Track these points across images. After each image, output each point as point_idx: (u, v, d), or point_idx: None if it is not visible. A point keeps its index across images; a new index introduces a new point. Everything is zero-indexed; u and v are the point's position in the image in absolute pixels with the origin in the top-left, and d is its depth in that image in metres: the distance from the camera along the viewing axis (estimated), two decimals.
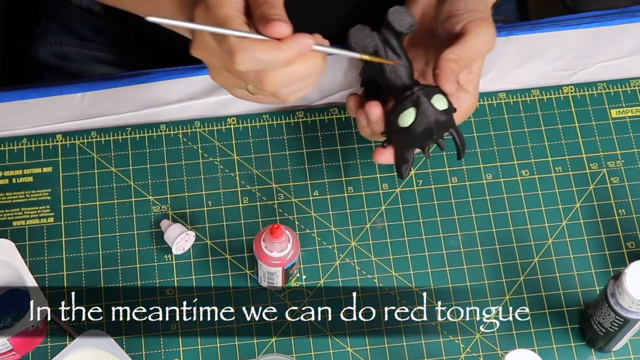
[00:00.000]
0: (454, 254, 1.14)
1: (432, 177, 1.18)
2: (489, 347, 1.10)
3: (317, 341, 1.10)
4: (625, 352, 1.10)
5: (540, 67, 1.24)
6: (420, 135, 1.03)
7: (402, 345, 1.10)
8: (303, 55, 0.90)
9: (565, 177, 1.18)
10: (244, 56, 0.89)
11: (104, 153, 1.19)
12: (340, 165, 1.18)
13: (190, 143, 1.19)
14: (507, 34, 1.25)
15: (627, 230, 1.15)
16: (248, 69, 0.90)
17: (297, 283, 1.13)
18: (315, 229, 1.15)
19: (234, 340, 1.10)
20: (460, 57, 1.03)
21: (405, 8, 1.03)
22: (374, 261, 1.14)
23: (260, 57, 0.89)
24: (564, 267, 1.14)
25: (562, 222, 1.16)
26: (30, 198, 1.16)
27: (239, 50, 0.89)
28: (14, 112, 1.21)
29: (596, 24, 1.26)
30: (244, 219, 1.16)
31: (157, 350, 1.10)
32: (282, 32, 0.89)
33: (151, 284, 1.13)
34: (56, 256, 1.14)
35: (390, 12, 1.03)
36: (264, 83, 0.91)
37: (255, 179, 1.18)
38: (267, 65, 0.90)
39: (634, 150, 1.19)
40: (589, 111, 1.21)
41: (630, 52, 1.25)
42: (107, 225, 1.15)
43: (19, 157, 1.18)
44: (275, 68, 0.90)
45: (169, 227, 1.13)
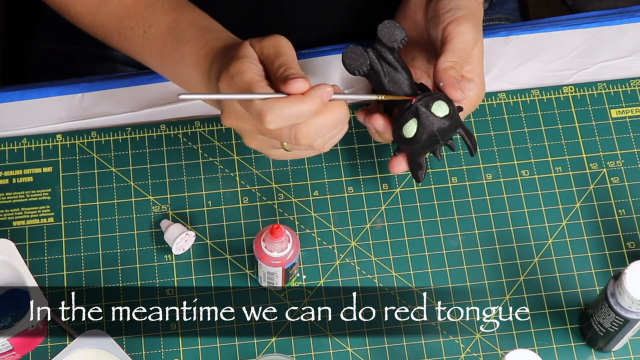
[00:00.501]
0: (454, 254, 1.14)
1: (432, 177, 1.18)
2: (489, 347, 1.10)
3: (317, 341, 1.10)
4: (625, 352, 1.10)
5: (540, 67, 1.24)
6: (426, 143, 1.04)
7: (402, 345, 1.10)
8: (327, 104, 0.95)
9: (565, 177, 1.18)
10: (272, 115, 0.93)
11: (104, 153, 1.19)
12: (341, 165, 1.18)
13: (190, 143, 1.19)
14: (507, 34, 1.25)
15: (627, 230, 1.15)
16: (278, 126, 0.94)
17: (297, 283, 1.13)
18: (315, 229, 1.15)
19: (234, 340, 1.10)
20: (454, 62, 1.04)
21: (392, 22, 1.04)
22: (374, 261, 1.14)
23: (288, 112, 0.93)
24: (564, 267, 1.14)
25: (562, 222, 1.16)
26: (30, 198, 1.16)
27: (267, 110, 0.93)
28: (14, 112, 1.21)
29: (596, 24, 1.26)
30: (244, 219, 1.16)
31: (157, 350, 1.10)
32: (302, 87, 0.94)
33: (151, 284, 1.13)
34: (56, 256, 1.14)
35: (379, 28, 1.04)
36: (297, 137, 0.95)
37: (255, 179, 1.18)
38: (296, 119, 0.94)
39: (634, 150, 1.19)
40: (589, 111, 1.21)
41: (630, 52, 1.25)
42: (107, 225, 1.15)
43: (19, 157, 1.18)
44: (305, 120, 0.95)
45: (169, 227, 1.13)
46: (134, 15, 1.08)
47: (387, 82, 1.04)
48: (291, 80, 0.94)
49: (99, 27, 1.11)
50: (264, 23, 1.23)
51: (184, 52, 1.04)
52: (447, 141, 1.05)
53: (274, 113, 0.93)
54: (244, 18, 1.21)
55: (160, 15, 1.07)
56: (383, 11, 1.22)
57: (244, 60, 0.97)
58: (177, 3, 1.08)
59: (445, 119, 1.03)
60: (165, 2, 1.08)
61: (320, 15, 1.27)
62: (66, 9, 1.13)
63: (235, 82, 0.96)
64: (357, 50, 1.04)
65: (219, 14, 1.11)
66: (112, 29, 1.10)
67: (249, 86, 0.95)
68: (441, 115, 1.03)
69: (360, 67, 1.04)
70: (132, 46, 1.10)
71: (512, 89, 1.23)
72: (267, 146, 1.00)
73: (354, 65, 1.04)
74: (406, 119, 1.04)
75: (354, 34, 1.29)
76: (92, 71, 1.31)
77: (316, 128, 0.95)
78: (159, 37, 1.07)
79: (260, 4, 1.24)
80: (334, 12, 1.27)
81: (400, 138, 1.05)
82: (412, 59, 1.12)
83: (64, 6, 1.13)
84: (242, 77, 0.95)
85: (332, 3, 1.26)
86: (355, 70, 1.04)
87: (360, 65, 1.04)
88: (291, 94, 0.94)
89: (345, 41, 1.26)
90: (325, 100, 0.95)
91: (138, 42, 1.09)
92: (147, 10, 1.08)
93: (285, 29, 1.13)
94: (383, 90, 1.05)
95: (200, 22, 1.06)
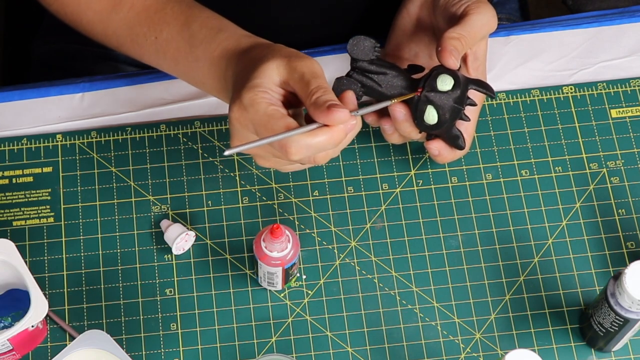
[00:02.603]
0: (454, 254, 1.14)
1: (432, 177, 1.18)
2: (489, 347, 1.10)
3: (317, 341, 1.10)
4: (625, 352, 1.10)
5: (540, 67, 1.24)
6: (451, 117, 1.06)
7: (402, 346, 1.10)
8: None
9: (565, 177, 1.18)
10: (297, 147, 0.93)
11: (104, 153, 1.19)
12: (341, 165, 1.18)
13: (190, 143, 1.19)
14: (507, 34, 1.25)
15: (627, 230, 1.15)
16: (302, 157, 0.94)
17: (297, 283, 1.13)
18: (315, 229, 1.15)
19: (234, 340, 1.10)
20: (461, 35, 1.04)
21: (357, 37, 1.05)
22: (374, 261, 1.14)
23: (313, 144, 0.93)
24: (564, 267, 1.14)
25: (562, 222, 1.16)
26: (30, 198, 1.16)
27: (291, 143, 0.93)
28: (14, 112, 1.21)
29: (596, 24, 1.26)
30: (244, 219, 1.16)
31: (157, 350, 1.10)
32: (344, 118, 0.93)
33: (151, 284, 1.13)
34: (56, 256, 1.14)
35: (349, 48, 1.05)
36: (317, 160, 0.96)
37: (255, 179, 1.18)
38: (319, 150, 0.94)
39: (634, 150, 1.19)
40: (589, 111, 1.21)
41: (630, 52, 1.25)
42: (107, 225, 1.15)
43: (19, 157, 1.18)
44: (327, 149, 0.95)
45: (169, 227, 1.13)
46: (145, 22, 1.08)
47: (384, 89, 1.05)
48: (334, 110, 0.93)
49: (112, 36, 1.11)
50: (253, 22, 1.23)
51: (197, 54, 1.04)
52: (467, 103, 1.07)
53: (299, 145, 0.93)
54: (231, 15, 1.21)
55: (170, 19, 1.07)
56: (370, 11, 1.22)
57: (256, 91, 0.95)
58: (185, 5, 1.07)
59: (455, 88, 1.05)
60: (175, 5, 1.07)
61: (307, 16, 1.27)
62: (78, 19, 1.13)
63: (250, 115, 0.95)
64: (343, 80, 1.05)
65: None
66: (125, 37, 1.10)
67: (267, 120, 0.94)
68: (450, 87, 1.05)
69: (357, 91, 1.05)
70: (146, 53, 1.09)
71: (512, 89, 1.23)
72: (281, 165, 0.99)
73: (355, 92, 1.04)
74: (422, 109, 1.05)
75: (341, 35, 1.28)
76: (93, 71, 1.31)
77: (335, 151, 0.96)
78: (172, 41, 1.06)
79: (248, 3, 1.24)
80: (322, 12, 1.27)
81: (427, 127, 1.06)
82: (414, 56, 1.13)
83: (75, 16, 1.12)
84: (257, 109, 0.94)
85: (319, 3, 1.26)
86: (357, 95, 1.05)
87: (355, 91, 1.04)
88: (329, 125, 0.93)
89: (331, 43, 1.25)
90: (348, 132, 0.94)
91: (151, 48, 1.08)
92: (157, 15, 1.08)
93: (274, 29, 1.14)
94: (384, 96, 1.05)
95: (211, 22, 1.05)
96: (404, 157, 1.19)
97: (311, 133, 0.93)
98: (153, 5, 1.08)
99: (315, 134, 0.93)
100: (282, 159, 0.97)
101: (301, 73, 0.96)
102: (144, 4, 1.08)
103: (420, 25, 1.13)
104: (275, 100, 0.96)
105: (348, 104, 0.97)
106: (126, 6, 1.09)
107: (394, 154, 1.19)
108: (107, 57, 1.33)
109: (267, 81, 0.96)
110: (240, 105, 0.95)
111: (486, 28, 1.06)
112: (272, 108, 0.94)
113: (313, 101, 0.94)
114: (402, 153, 1.19)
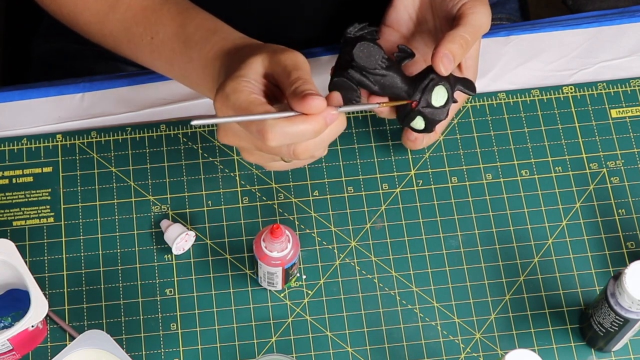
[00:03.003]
0: (454, 254, 1.14)
1: (432, 177, 1.18)
2: (489, 347, 1.10)
3: (317, 341, 1.10)
4: (625, 352, 1.10)
5: (540, 67, 1.24)
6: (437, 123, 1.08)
7: (402, 346, 1.10)
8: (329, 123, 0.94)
9: (565, 177, 1.18)
10: (274, 132, 0.92)
11: (104, 153, 1.19)
12: (341, 165, 1.18)
13: (190, 143, 1.19)
14: (507, 34, 1.25)
15: (627, 230, 1.15)
16: (279, 144, 0.93)
17: (297, 283, 1.13)
18: (315, 229, 1.15)
19: (234, 340, 1.10)
20: (462, 37, 1.04)
21: (364, 43, 1.04)
22: (374, 261, 1.14)
23: (290, 131, 0.92)
24: (564, 267, 1.14)
25: (562, 222, 1.16)
26: (30, 198, 1.16)
27: (269, 128, 0.92)
28: (14, 112, 1.21)
29: (596, 24, 1.26)
30: (244, 219, 1.16)
31: (157, 350, 1.10)
32: (319, 107, 0.92)
33: (151, 284, 1.13)
34: (56, 256, 1.14)
35: (355, 55, 1.04)
36: (297, 153, 0.95)
37: (255, 179, 1.18)
38: (297, 139, 0.93)
39: (634, 150, 1.19)
40: (589, 111, 1.21)
41: (630, 52, 1.25)
42: (107, 225, 1.15)
43: (19, 157, 1.18)
44: (306, 139, 0.94)
45: (169, 227, 1.13)
46: (141, 22, 1.08)
47: (377, 90, 1.05)
48: (309, 97, 0.92)
49: (108, 36, 1.11)
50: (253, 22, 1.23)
51: (192, 55, 1.04)
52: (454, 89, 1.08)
53: (275, 131, 0.92)
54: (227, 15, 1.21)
55: (166, 20, 1.07)
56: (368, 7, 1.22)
57: (239, 80, 0.95)
58: (182, 7, 1.07)
59: (447, 103, 1.06)
60: (172, 6, 1.07)
61: (308, 12, 1.27)
62: (75, 19, 1.12)
63: (232, 101, 0.94)
64: (341, 80, 1.04)
65: None
66: (121, 38, 1.10)
67: (247, 105, 0.94)
68: (443, 103, 1.06)
69: (352, 99, 1.05)
70: (142, 54, 1.09)
71: (512, 89, 1.23)
72: (266, 160, 0.99)
73: (351, 97, 1.04)
74: (412, 117, 1.06)
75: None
76: (93, 70, 1.31)
77: (316, 144, 0.95)
78: (167, 42, 1.06)
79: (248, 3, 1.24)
80: (323, 7, 1.27)
81: (411, 128, 1.08)
82: (411, 35, 1.13)
83: (72, 16, 1.12)
84: (239, 96, 0.94)
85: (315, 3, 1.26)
86: (350, 102, 1.05)
87: (351, 98, 1.05)
88: (296, 113, 0.93)
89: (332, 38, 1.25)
90: (328, 123, 0.94)
91: (147, 49, 1.08)
92: (154, 16, 1.07)
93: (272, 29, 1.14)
94: (378, 95, 1.05)
95: (206, 24, 1.05)
96: (404, 157, 1.19)
97: (289, 120, 0.92)
98: (150, 5, 1.08)
99: (292, 120, 0.92)
100: (264, 152, 0.96)
101: (284, 65, 0.96)
102: (141, 5, 1.08)
103: (420, 20, 1.12)
104: (257, 90, 0.96)
105: (332, 100, 0.96)
106: (123, 7, 1.09)
107: (394, 154, 1.19)
108: (107, 57, 1.33)
109: (251, 72, 0.96)
110: (223, 93, 0.95)
111: (484, 28, 1.06)
112: (254, 96, 0.94)
113: (292, 91, 0.94)
114: (402, 153, 1.19)
